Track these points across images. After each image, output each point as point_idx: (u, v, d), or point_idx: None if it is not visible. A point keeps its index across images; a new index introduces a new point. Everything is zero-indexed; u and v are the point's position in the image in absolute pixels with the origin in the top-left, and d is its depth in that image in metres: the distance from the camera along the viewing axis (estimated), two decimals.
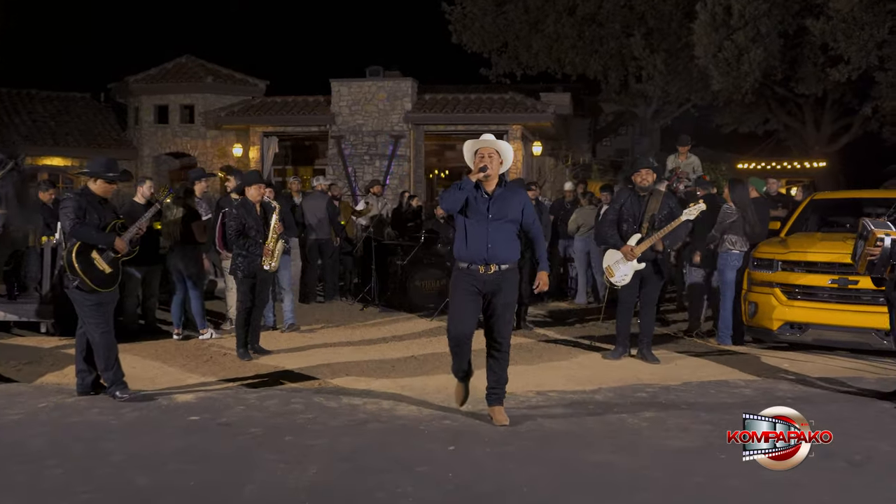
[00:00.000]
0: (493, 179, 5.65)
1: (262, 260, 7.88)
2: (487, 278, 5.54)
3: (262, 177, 8.21)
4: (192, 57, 23.46)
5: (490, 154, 5.65)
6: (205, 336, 9.04)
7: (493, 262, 5.54)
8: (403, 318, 10.65)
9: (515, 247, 5.71)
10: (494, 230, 5.55)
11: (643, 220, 7.83)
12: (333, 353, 8.21)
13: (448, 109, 20.39)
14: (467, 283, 5.58)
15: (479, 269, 5.54)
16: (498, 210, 5.59)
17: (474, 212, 5.57)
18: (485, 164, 5.59)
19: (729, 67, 18.26)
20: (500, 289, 5.58)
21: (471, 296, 5.58)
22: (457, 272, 5.71)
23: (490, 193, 5.64)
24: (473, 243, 5.55)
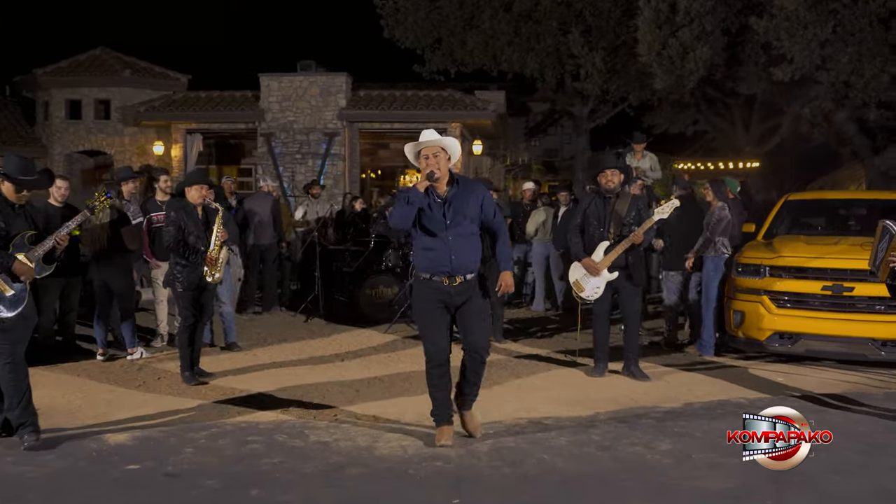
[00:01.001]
0: (444, 179, 5.14)
1: (205, 270, 6.89)
2: (453, 290, 5.10)
3: (206, 177, 7.22)
4: (107, 49, 21.96)
5: (435, 153, 5.10)
6: (134, 356, 7.97)
7: (458, 273, 5.08)
8: (354, 331, 9.76)
9: (479, 250, 5.26)
10: (456, 237, 5.08)
11: (610, 224, 7.18)
12: (286, 375, 7.28)
13: (384, 106, 19.53)
14: (432, 295, 5.11)
15: (442, 282, 5.07)
16: (455, 213, 5.10)
17: (430, 220, 5.08)
18: (430, 167, 5.05)
19: (673, 65, 17.89)
20: (467, 298, 5.14)
21: (439, 310, 5.12)
22: (419, 283, 5.21)
23: (443, 196, 5.12)
24: (435, 254, 5.08)
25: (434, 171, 5.03)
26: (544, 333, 9.68)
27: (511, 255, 5.60)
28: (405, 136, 21.81)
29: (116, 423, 5.69)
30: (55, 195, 8.04)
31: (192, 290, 6.88)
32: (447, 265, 5.05)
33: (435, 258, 5.08)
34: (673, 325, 8.77)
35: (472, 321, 5.18)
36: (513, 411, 6.02)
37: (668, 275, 8.74)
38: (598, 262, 7.14)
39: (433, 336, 5.13)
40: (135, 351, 8.02)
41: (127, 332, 8.04)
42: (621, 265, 7.14)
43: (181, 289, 6.88)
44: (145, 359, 7.98)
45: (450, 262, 5.06)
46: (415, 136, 5.24)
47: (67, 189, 8.10)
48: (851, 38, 16.69)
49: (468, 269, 5.13)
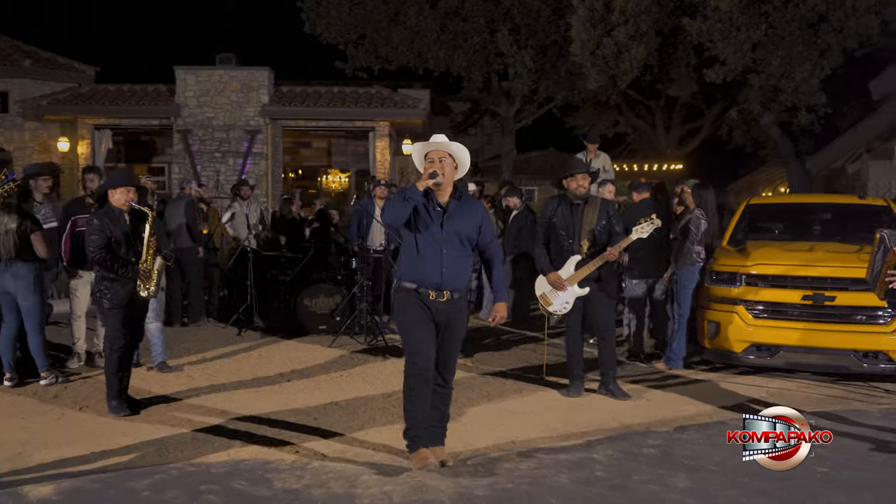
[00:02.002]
0: (448, 188, 4.88)
1: (137, 284, 6.00)
2: (440, 307, 4.83)
3: (132, 177, 6.30)
4: (4, 36, 20.32)
5: (442, 158, 4.83)
6: (47, 380, 6.98)
7: (447, 287, 4.83)
8: (294, 345, 8.96)
9: (468, 271, 5.06)
10: (450, 250, 4.83)
11: (581, 234, 6.64)
12: (228, 401, 6.46)
13: (309, 103, 18.64)
14: (417, 305, 4.83)
15: (429, 295, 4.81)
16: (452, 226, 4.85)
17: (425, 227, 4.82)
18: (435, 169, 4.77)
19: (607, 65, 17.62)
20: (452, 321, 4.89)
21: (427, 323, 4.82)
22: (403, 293, 4.90)
23: (444, 206, 4.87)
24: (425, 264, 4.81)
25: (437, 172, 4.73)
26: (500, 346, 9.08)
27: (506, 284, 5.19)
28: (330, 133, 21.00)
29: (37, 468, 4.79)
30: None
31: (123, 307, 5.99)
32: (437, 277, 4.78)
33: (425, 268, 4.80)
34: (637, 336, 8.30)
35: (449, 345, 4.92)
36: (496, 440, 5.41)
37: (633, 283, 8.28)
38: (567, 278, 6.60)
39: (419, 344, 4.77)
40: (49, 374, 7.03)
41: (37, 353, 7.04)
42: (593, 277, 6.61)
43: (109, 306, 5.97)
44: (61, 384, 7.00)
45: (440, 275, 4.79)
46: (340, 134, 4.66)
47: None
48: (782, 42, 16.74)
49: (457, 287, 4.87)
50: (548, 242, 6.78)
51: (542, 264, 6.76)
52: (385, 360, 8.10)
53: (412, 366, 4.78)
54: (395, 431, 5.39)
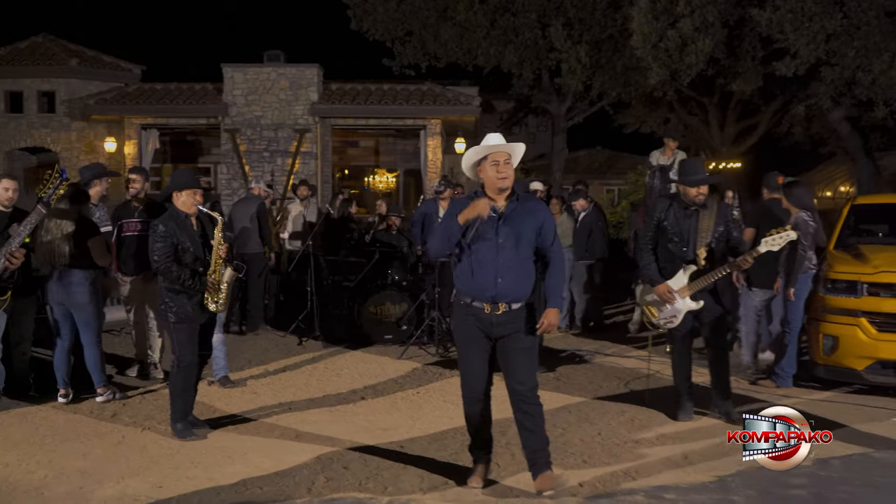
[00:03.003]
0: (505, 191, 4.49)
1: (205, 297, 5.44)
2: (495, 320, 4.45)
3: (197, 179, 5.75)
4: (50, 36, 20.07)
5: (507, 160, 4.48)
6: (104, 397, 6.47)
7: (502, 300, 4.44)
8: (361, 356, 8.38)
9: (530, 279, 4.55)
10: (506, 259, 4.42)
11: (696, 240, 5.91)
12: (302, 421, 5.89)
13: (360, 100, 18.10)
14: (472, 325, 4.50)
15: (483, 309, 4.44)
16: (510, 232, 4.45)
17: (478, 234, 4.43)
18: (502, 176, 4.42)
19: (670, 59, 16.83)
20: (512, 332, 4.47)
21: (480, 342, 4.51)
22: (458, 308, 4.61)
23: (499, 210, 4.45)
24: (479, 274, 4.43)
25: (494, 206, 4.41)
26: (579, 360, 8.40)
27: (563, 290, 4.88)
28: (381, 132, 20.44)
29: None
30: (1, 198, 6.52)
31: (190, 321, 5.43)
32: (491, 289, 4.40)
33: (478, 280, 4.43)
34: (751, 352, 7.55)
35: (515, 360, 4.48)
36: (612, 474, 4.75)
37: (751, 293, 7.49)
38: (679, 290, 5.91)
39: (468, 366, 4.56)
40: (105, 391, 6.51)
41: (94, 368, 6.52)
42: (707, 289, 5.91)
43: (175, 320, 5.41)
44: (119, 401, 6.49)
45: (494, 286, 4.40)
46: (390, 133, 4.15)
47: (16, 191, 6.57)
48: (858, 32, 15.82)
49: (515, 297, 4.44)
50: (655, 248, 6.08)
51: (649, 273, 6.07)
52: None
53: (462, 389, 4.60)
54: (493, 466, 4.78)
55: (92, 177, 7.11)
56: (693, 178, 5.89)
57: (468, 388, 4.57)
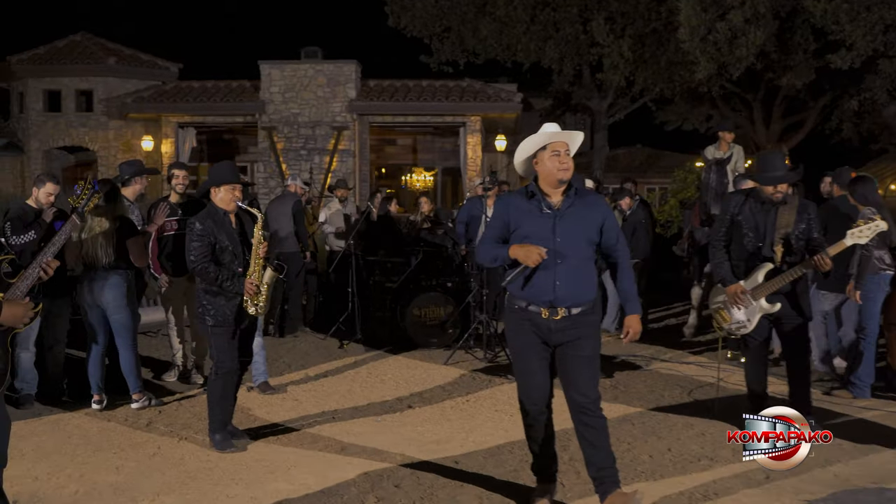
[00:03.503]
0: (562, 186, 4.09)
1: (245, 300, 5.10)
2: (554, 326, 4.05)
3: (236, 173, 5.41)
4: (88, 34, 20.04)
5: (567, 151, 4.06)
6: (140, 403, 6.17)
7: (561, 304, 4.03)
8: (405, 361, 8.01)
9: (592, 281, 4.15)
10: (565, 259, 4.01)
11: (773, 237, 5.42)
12: (347, 433, 5.52)
13: (398, 97, 17.76)
14: (528, 330, 4.11)
15: (541, 314, 4.04)
16: (568, 231, 4.03)
17: (534, 233, 4.04)
18: (562, 167, 4.01)
19: (719, 52, 16.25)
20: (573, 339, 4.05)
21: (537, 348, 4.11)
22: (511, 312, 4.20)
23: (556, 207, 4.06)
24: (536, 278, 4.03)
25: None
26: (632, 366, 7.95)
27: (637, 293, 4.31)
28: (419, 129, 20.09)
29: None
30: (41, 201, 6.27)
31: (229, 325, 5.09)
32: (549, 293, 4.01)
33: (535, 283, 4.03)
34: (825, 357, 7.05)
35: (577, 369, 4.05)
36: (687, 494, 4.32)
37: (823, 296, 6.98)
38: (753, 290, 5.44)
39: (527, 377, 4.15)
40: (141, 397, 6.21)
41: (129, 373, 6.23)
42: (785, 290, 5.43)
43: (213, 324, 5.07)
44: (155, 407, 6.19)
45: (553, 290, 4.01)
46: (428, 130, 3.70)
47: (54, 193, 6.32)
48: None
49: (575, 302, 4.04)
50: (728, 245, 5.62)
51: (721, 272, 5.60)
52: (512, 382, 7.00)
53: (520, 401, 4.22)
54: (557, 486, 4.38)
55: (133, 174, 6.82)
56: (770, 175, 5.39)
57: (528, 400, 4.16)
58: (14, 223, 6.15)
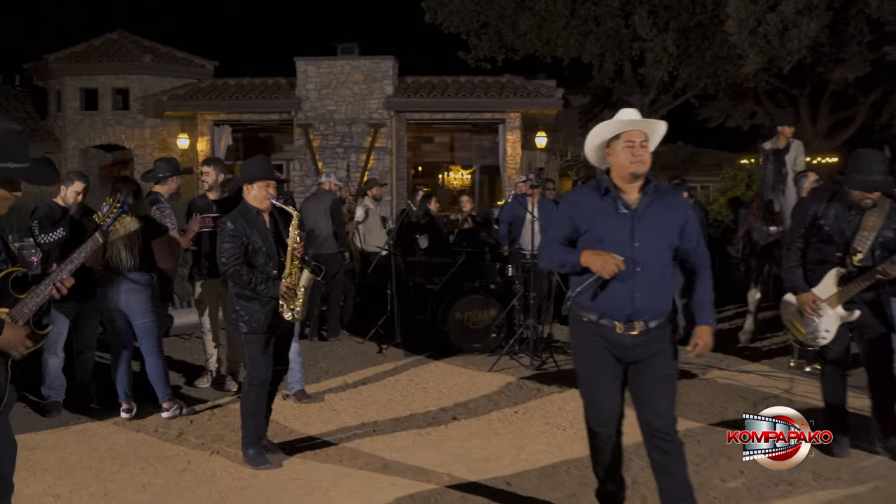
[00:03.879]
0: (638, 181, 3.62)
1: (280, 305, 4.75)
2: (629, 342, 3.61)
3: (270, 168, 5.05)
4: (124, 32, 19.96)
5: (644, 143, 3.59)
6: (170, 412, 5.85)
7: (640, 318, 3.60)
8: (447, 367, 7.62)
9: (670, 290, 3.75)
10: (645, 267, 3.56)
11: (855, 241, 4.90)
12: (388, 447, 5.15)
13: (436, 93, 17.38)
14: (599, 346, 3.66)
15: (615, 328, 3.61)
16: (648, 234, 3.59)
17: (608, 235, 3.59)
18: (637, 160, 3.54)
19: (769, 45, 15.64)
20: (649, 355, 3.63)
21: (608, 366, 3.68)
22: (579, 326, 3.74)
23: (633, 206, 3.61)
24: (611, 288, 3.57)
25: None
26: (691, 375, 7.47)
27: (713, 304, 3.84)
28: (458, 126, 19.67)
29: None
30: (68, 199, 5.99)
31: (263, 332, 4.74)
32: (627, 305, 3.58)
33: (610, 294, 3.59)
34: None
35: (653, 388, 3.65)
36: None
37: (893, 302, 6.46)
38: (827, 298, 4.95)
39: (597, 397, 3.73)
40: (171, 405, 5.90)
41: (157, 380, 5.91)
42: (866, 298, 4.94)
43: (247, 330, 4.73)
44: (186, 416, 5.87)
45: (632, 302, 3.57)
46: (466, 127, 3.23)
47: (81, 192, 6.04)
48: None
49: (654, 314, 3.62)
50: (805, 248, 5.14)
51: (793, 279, 5.12)
52: (563, 391, 6.65)
53: (588, 421, 3.79)
54: None
55: (169, 171, 6.52)
56: (863, 178, 4.76)
57: (596, 423, 3.74)
58: (42, 222, 5.89)
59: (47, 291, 3.10)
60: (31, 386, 6.13)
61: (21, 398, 6.15)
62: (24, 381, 6.29)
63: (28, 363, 6.09)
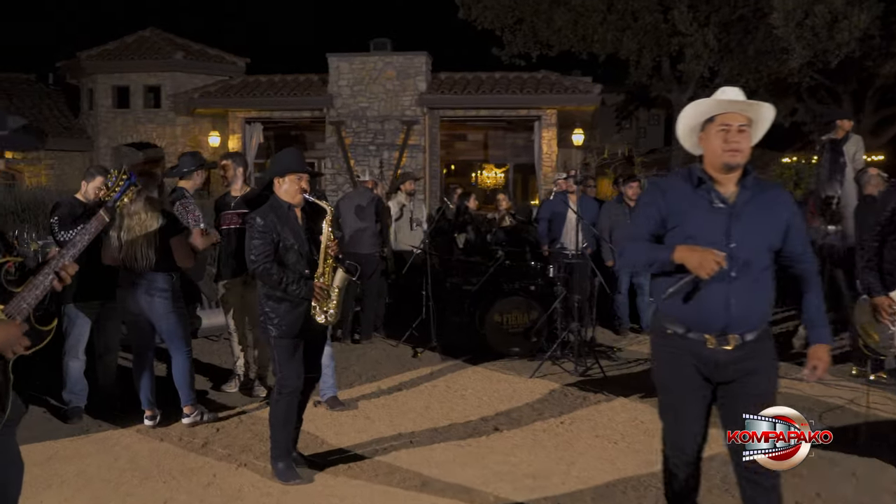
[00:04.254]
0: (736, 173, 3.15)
1: (313, 306, 4.40)
2: (721, 359, 3.12)
3: (302, 161, 4.71)
4: (156, 30, 19.83)
5: (743, 128, 3.09)
6: (191, 418, 5.53)
7: (735, 330, 3.10)
8: (485, 372, 7.24)
9: (770, 298, 3.22)
10: (742, 272, 3.08)
11: None
12: (426, 461, 4.78)
13: (470, 90, 17.00)
14: (686, 363, 3.18)
15: (705, 343, 3.12)
16: (747, 233, 3.11)
17: (701, 233, 3.10)
18: (732, 147, 3.07)
19: (817, 38, 15.05)
20: (746, 373, 3.13)
21: (694, 387, 3.19)
22: (662, 339, 3.27)
23: (730, 201, 3.14)
24: (701, 295, 3.08)
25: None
26: None
27: (826, 316, 3.29)
28: (491, 124, 19.26)
29: None
30: (89, 195, 5.70)
31: (295, 336, 4.39)
32: (721, 316, 3.09)
33: (701, 302, 3.09)
34: None
35: (749, 412, 3.10)
36: None
37: None
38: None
39: (680, 423, 3.28)
40: (192, 410, 5.58)
41: (182, 385, 5.59)
42: None
43: (277, 334, 4.38)
44: (208, 422, 5.55)
45: (726, 312, 3.08)
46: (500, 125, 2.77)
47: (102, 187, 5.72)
48: None
49: (752, 325, 3.13)
50: (881, 251, 4.70)
51: (868, 280, 4.69)
52: (610, 400, 6.24)
53: (669, 448, 3.36)
54: None
55: (193, 166, 6.21)
56: None
57: (676, 448, 3.31)
58: (62, 219, 5.61)
59: (47, 282, 2.77)
60: (52, 390, 5.85)
61: (42, 403, 5.89)
62: (44, 386, 6.04)
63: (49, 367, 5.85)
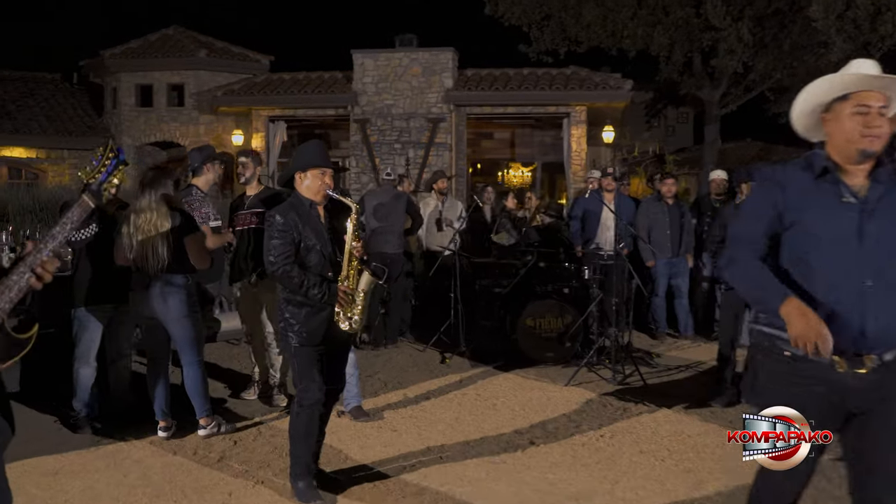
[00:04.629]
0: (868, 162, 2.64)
1: (336, 312, 4.05)
2: (853, 384, 2.59)
3: (326, 155, 4.36)
4: (180, 28, 19.62)
5: (882, 109, 2.60)
6: (207, 430, 5.21)
7: (876, 348, 2.56)
8: (517, 380, 6.86)
9: None
10: (880, 278, 2.56)
11: None
12: (459, 479, 4.41)
13: (498, 86, 16.61)
14: (809, 392, 2.64)
15: (836, 365, 2.56)
16: (885, 233, 2.58)
17: (826, 232, 2.61)
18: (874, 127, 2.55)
19: (858, 31, 14.50)
20: (881, 399, 2.60)
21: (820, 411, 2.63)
22: (775, 362, 2.71)
23: (861, 194, 2.63)
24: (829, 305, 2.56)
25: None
26: None
27: None
28: (519, 121, 18.85)
29: None
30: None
31: (317, 344, 4.04)
32: (854, 329, 2.55)
33: (829, 318, 2.53)
34: None
35: (889, 449, 2.60)
36: None
37: None
38: None
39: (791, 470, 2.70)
40: (208, 422, 5.25)
41: (196, 394, 5.26)
42: None
43: (298, 342, 4.03)
44: (226, 433, 5.23)
45: (862, 324, 2.54)
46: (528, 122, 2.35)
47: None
48: None
49: (892, 343, 2.57)
50: None
51: None
52: (653, 412, 5.84)
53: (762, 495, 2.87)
54: None
55: (202, 160, 5.90)
56: None
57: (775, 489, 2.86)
58: None
59: (23, 282, 2.42)
60: (61, 399, 5.56)
61: (51, 411, 5.60)
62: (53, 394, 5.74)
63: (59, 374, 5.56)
